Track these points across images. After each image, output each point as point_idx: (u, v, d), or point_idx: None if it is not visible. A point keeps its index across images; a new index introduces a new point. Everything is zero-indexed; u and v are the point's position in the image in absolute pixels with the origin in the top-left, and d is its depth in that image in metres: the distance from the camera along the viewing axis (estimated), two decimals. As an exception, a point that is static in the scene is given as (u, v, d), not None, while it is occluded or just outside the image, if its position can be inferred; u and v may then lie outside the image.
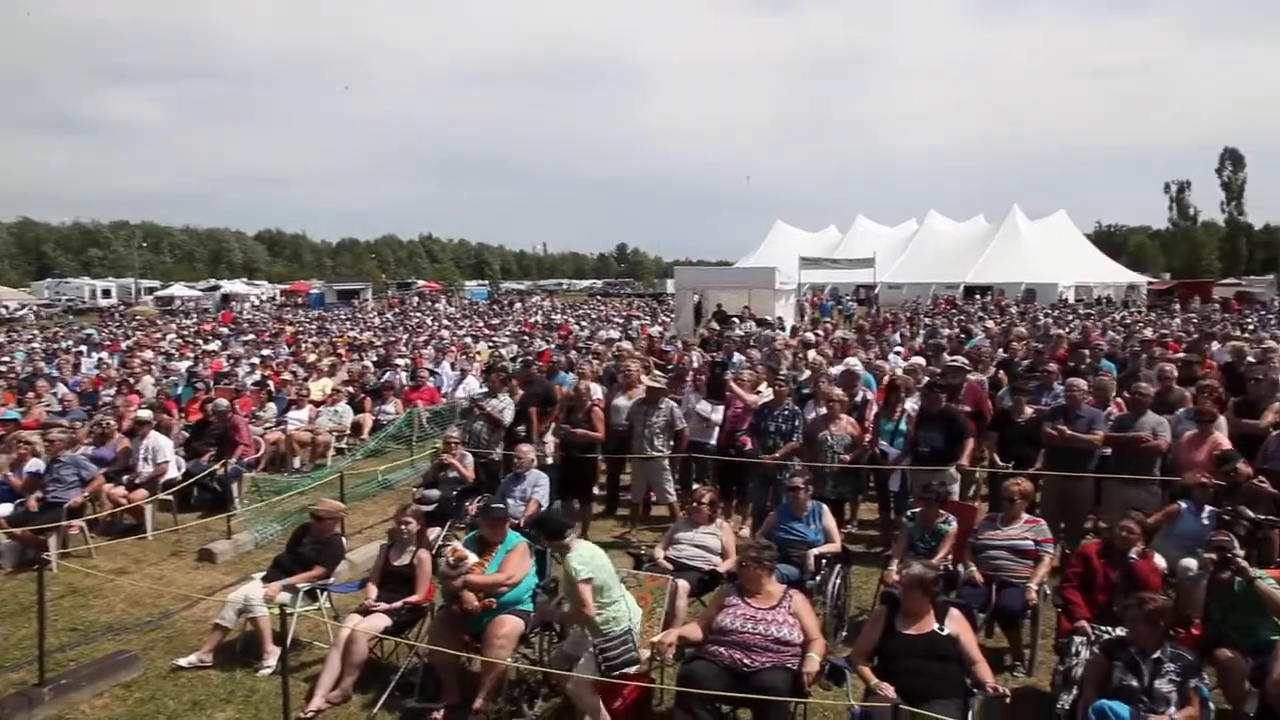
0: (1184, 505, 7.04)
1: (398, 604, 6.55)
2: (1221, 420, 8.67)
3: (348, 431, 14.24)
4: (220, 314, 50.42)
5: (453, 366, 18.79)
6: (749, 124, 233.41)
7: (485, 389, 11.77)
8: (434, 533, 8.25)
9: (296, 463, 13.24)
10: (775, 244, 61.09)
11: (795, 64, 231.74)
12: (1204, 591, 5.74)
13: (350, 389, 16.03)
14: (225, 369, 18.86)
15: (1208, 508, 6.90)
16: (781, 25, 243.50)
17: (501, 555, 6.38)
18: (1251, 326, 25.96)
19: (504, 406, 10.43)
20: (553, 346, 20.11)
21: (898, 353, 15.47)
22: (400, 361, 18.81)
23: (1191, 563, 6.27)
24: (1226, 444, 8.11)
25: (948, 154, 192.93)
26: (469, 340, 25.75)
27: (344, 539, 7.92)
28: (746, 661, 5.26)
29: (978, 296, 46.36)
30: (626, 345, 17.37)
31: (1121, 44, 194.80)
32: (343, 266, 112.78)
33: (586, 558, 5.63)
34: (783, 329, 20.69)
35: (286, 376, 17.24)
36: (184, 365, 19.96)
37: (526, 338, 25.62)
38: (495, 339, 26.49)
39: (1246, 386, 9.91)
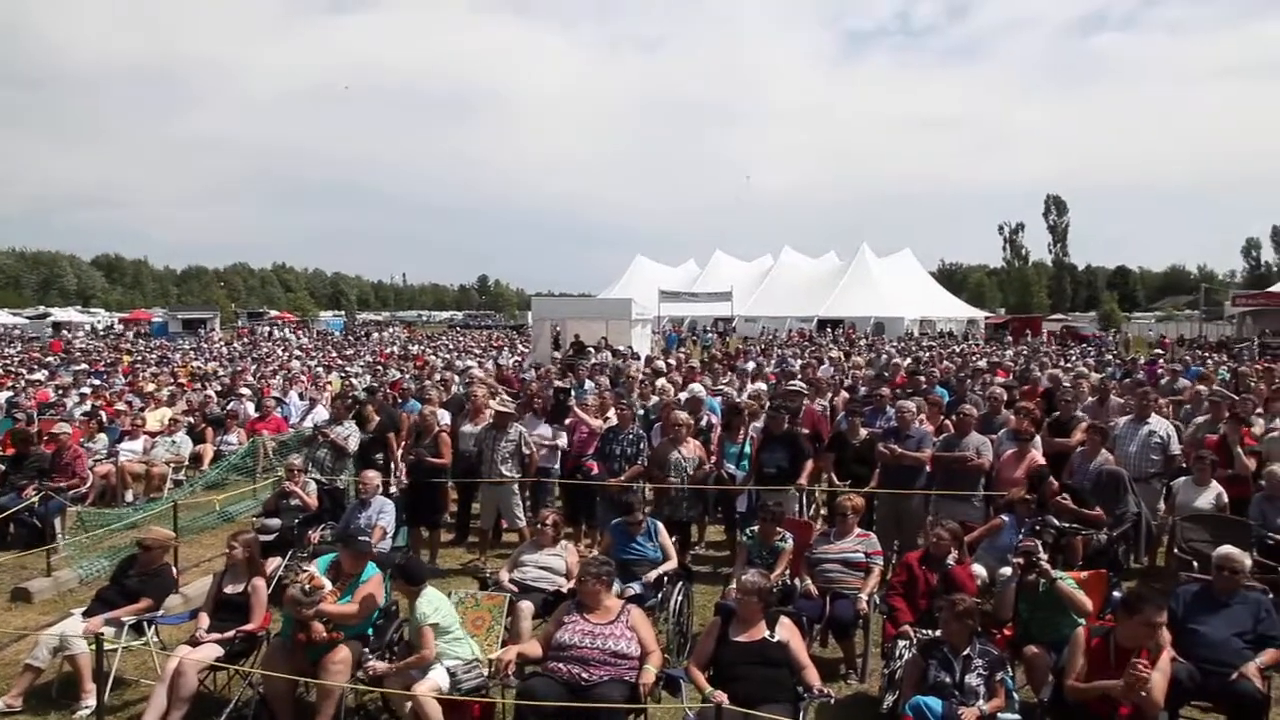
0: (1006, 519, 7.53)
1: (230, 633, 6.32)
2: (1037, 439, 9.37)
3: (186, 463, 13.60)
4: (50, 342, 47.18)
5: (301, 396, 18.24)
6: (614, 159, 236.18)
7: (332, 416, 11.48)
8: (273, 563, 7.98)
9: (129, 496, 12.56)
10: (636, 277, 62.13)
11: (660, 103, 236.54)
12: (1014, 594, 6.15)
13: (191, 419, 15.34)
14: (52, 399, 17.71)
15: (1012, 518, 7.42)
16: (646, 65, 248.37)
17: (357, 586, 6.28)
18: (1073, 357, 27.85)
19: (349, 433, 10.21)
20: (406, 376, 19.76)
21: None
22: (245, 391, 18.10)
23: (1008, 571, 6.71)
24: (1042, 462, 8.74)
25: (801, 193, 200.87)
26: (320, 370, 25.03)
27: (175, 570, 7.58)
28: (585, 676, 5.34)
29: (829, 329, 48.15)
30: (478, 372, 17.27)
31: (957, 96, 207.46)
32: (188, 295, 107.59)
33: (436, 603, 5.82)
34: (637, 359, 20.99)
35: (121, 406, 16.34)
36: (3, 396, 18.63)
37: (380, 368, 25.08)
38: (348, 369, 25.84)
39: (1059, 408, 10.75)
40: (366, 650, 6.06)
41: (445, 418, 10.78)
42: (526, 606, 6.64)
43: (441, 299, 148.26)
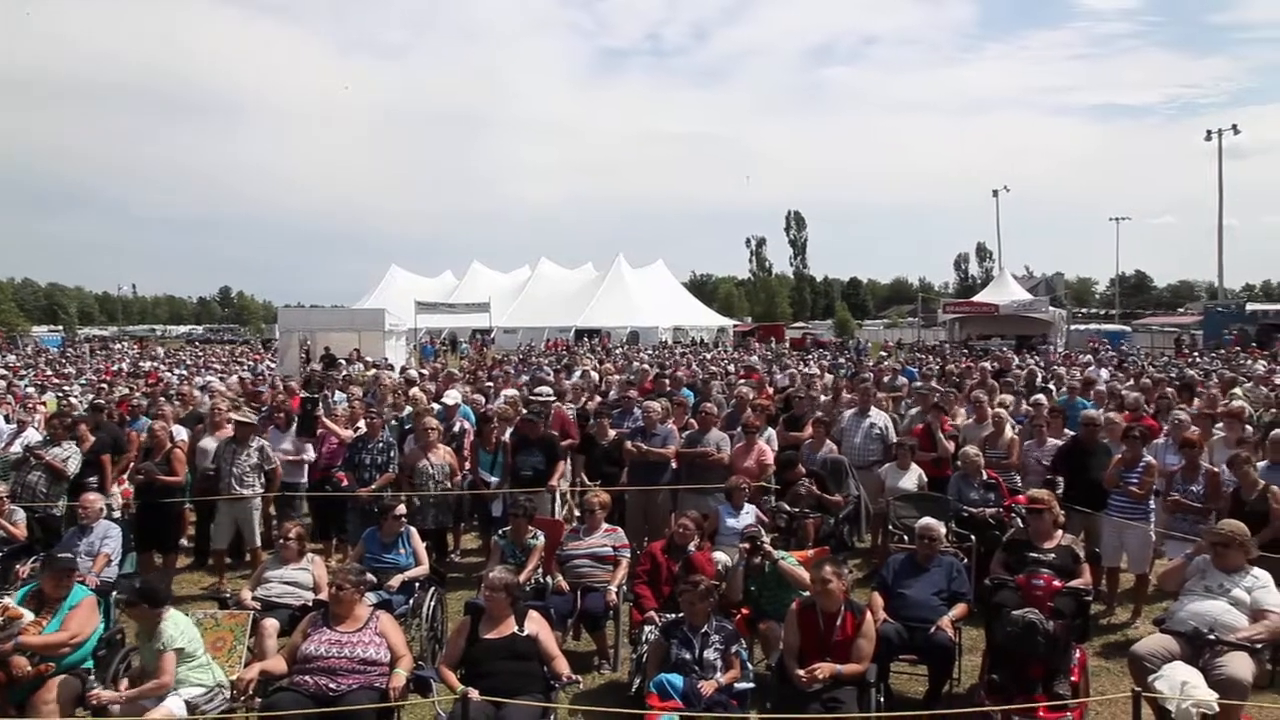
0: (721, 506, 8.06)
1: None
2: (771, 432, 10.07)
3: None
4: None
5: (7, 419, 16.37)
6: (364, 167, 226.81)
7: (47, 437, 10.46)
8: (-27, 605, 7.16)
9: None
10: (390, 288, 60.70)
11: (412, 113, 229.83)
12: (742, 576, 6.61)
13: None
14: None
15: (749, 506, 7.95)
16: (395, 72, 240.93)
17: (65, 611, 5.78)
18: (811, 361, 29.96)
19: (68, 455, 9.35)
20: (137, 394, 18.22)
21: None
22: (-70, 417, 15.98)
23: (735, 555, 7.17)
24: (769, 452, 9.39)
25: (558, 205, 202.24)
26: (32, 390, 22.56)
27: None
28: (332, 686, 5.26)
29: (586, 339, 49.03)
30: (219, 386, 16.28)
31: (705, 115, 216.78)
32: None
33: (183, 627, 5.53)
34: (391, 369, 20.57)
35: None
36: None
37: (106, 386, 22.95)
38: (66, 388, 23.44)
39: (793, 404, 11.61)
40: (92, 679, 5.60)
41: (182, 433, 10.11)
42: (271, 624, 6.39)
43: (179, 312, 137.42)
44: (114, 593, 7.06)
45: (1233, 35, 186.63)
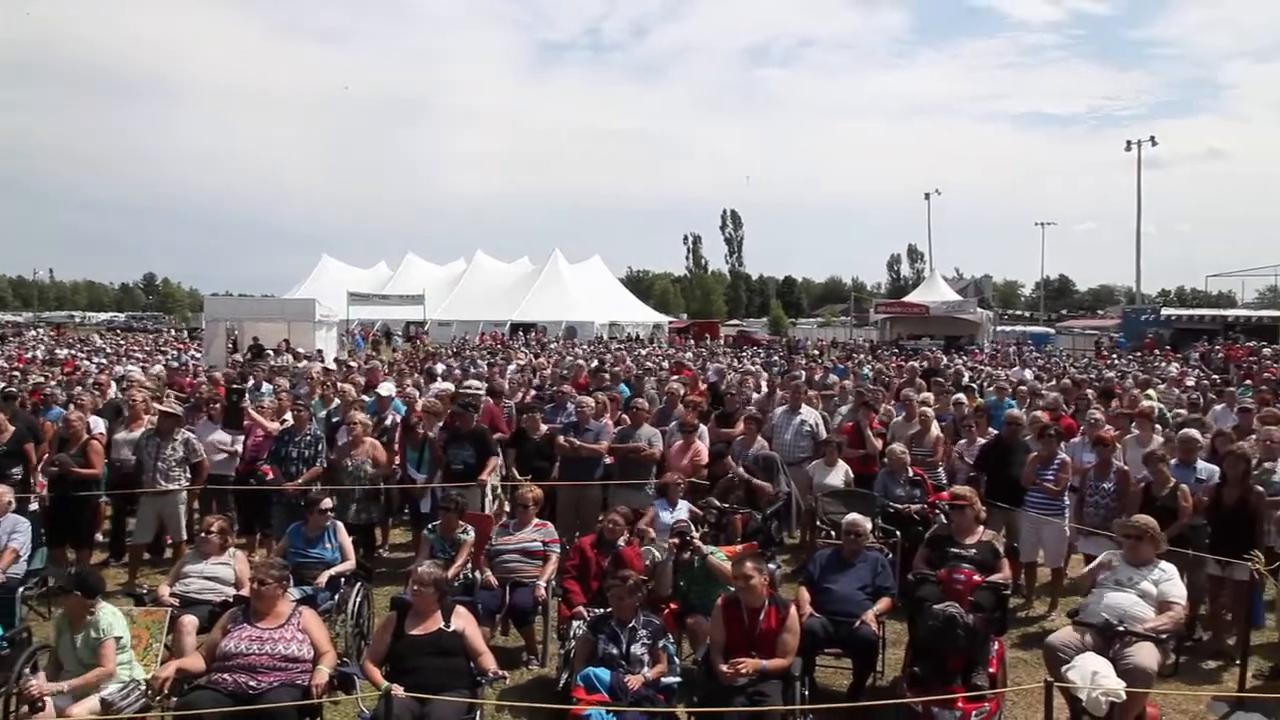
0: (656, 502, 8.10)
1: None
2: (704, 429, 10.13)
3: None
4: None
5: (-86, 408, 15.70)
6: (299, 154, 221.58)
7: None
8: None
9: None
10: (323, 278, 59.80)
11: (348, 99, 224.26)
12: (671, 571, 6.65)
13: None
14: None
15: (682, 502, 8.01)
16: (331, 57, 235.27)
17: None
18: (745, 359, 30.23)
19: (-24, 446, 9.02)
20: (52, 382, 17.63)
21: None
22: None
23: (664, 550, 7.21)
24: (704, 452, 9.45)
25: (495, 198, 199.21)
26: (-65, 379, 21.65)
27: None
28: (253, 684, 5.16)
29: (522, 333, 48.81)
30: (139, 375, 15.78)
31: (642, 111, 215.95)
32: None
33: (118, 614, 5.51)
34: (322, 361, 20.22)
35: None
36: None
37: (18, 374, 22.15)
38: (-28, 376, 22.56)
39: (725, 401, 11.70)
40: (28, 672, 5.40)
41: (99, 425, 9.81)
42: (190, 620, 6.24)
43: (100, 298, 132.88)
44: (20, 589, 6.84)
45: (1150, 50, 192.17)
